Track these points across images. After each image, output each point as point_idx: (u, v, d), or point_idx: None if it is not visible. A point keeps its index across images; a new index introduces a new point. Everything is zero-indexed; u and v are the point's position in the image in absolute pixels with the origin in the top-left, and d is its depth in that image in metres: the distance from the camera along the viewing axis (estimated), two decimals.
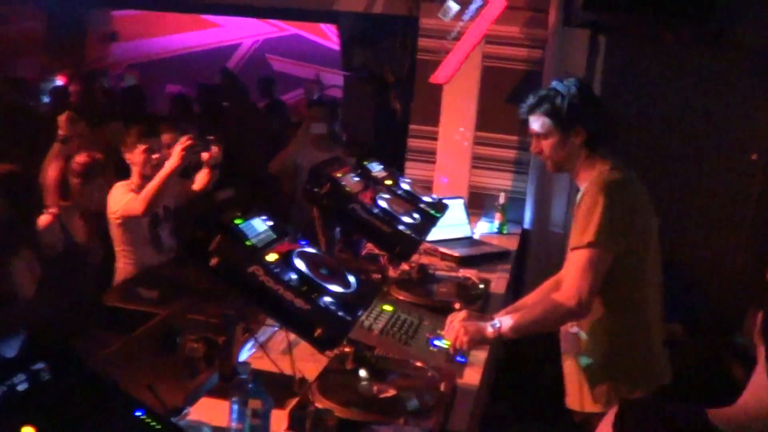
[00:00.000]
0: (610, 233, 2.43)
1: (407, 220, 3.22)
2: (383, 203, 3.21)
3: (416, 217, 3.33)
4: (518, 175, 5.03)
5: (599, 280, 2.44)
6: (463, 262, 3.89)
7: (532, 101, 2.66)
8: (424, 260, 3.73)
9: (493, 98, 4.88)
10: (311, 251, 2.30)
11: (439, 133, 4.96)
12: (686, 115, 4.98)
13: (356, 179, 3.24)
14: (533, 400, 4.24)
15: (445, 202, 3.91)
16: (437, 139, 4.98)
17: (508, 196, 4.88)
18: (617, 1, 4.33)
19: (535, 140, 2.68)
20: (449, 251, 3.99)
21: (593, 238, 2.43)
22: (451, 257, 3.94)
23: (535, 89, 2.75)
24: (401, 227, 3.11)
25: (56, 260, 3.68)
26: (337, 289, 2.15)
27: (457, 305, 2.96)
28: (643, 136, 5.03)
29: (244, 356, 2.47)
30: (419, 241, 3.24)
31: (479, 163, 5.02)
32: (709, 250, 5.03)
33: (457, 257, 3.93)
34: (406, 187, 3.67)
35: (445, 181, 4.96)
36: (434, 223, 3.55)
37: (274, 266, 2.07)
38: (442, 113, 4.88)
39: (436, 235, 3.79)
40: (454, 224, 4.25)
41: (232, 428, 1.98)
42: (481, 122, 4.92)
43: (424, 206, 3.56)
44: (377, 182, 3.46)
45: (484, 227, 4.85)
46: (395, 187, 3.57)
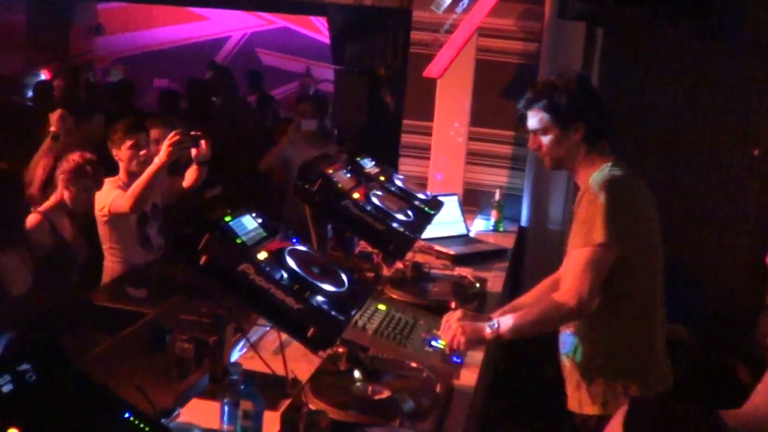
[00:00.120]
0: (611, 232, 2.40)
1: (401, 217, 3.19)
2: (376, 200, 3.19)
3: (410, 214, 3.30)
4: (515, 171, 5.00)
5: (600, 279, 2.41)
6: (458, 260, 3.87)
7: (529, 96, 2.62)
8: (418, 258, 3.71)
9: (488, 93, 4.85)
10: (303, 249, 2.27)
11: (433, 128, 4.91)
12: (686, 109, 4.96)
13: (348, 176, 3.21)
14: (531, 399, 4.22)
15: (439, 199, 3.89)
16: (431, 134, 4.94)
17: (504, 192, 4.86)
18: None
19: (532, 136, 2.65)
20: (444, 249, 3.96)
21: (594, 237, 2.40)
22: (446, 255, 3.92)
23: (531, 83, 2.71)
24: (395, 225, 3.08)
25: (46, 259, 3.64)
26: (329, 288, 2.13)
27: (452, 304, 2.93)
28: (641, 131, 5.00)
29: (235, 357, 2.45)
30: (413, 238, 3.22)
31: (474, 159, 5.00)
32: (710, 248, 5.01)
33: (452, 255, 3.91)
34: (399, 183, 3.66)
35: (439, 177, 4.92)
36: (429, 220, 3.52)
37: (264, 265, 2.05)
38: (436, 108, 4.83)
39: (430, 232, 3.76)
40: (449, 222, 4.23)
41: (223, 430, 1.96)
42: (475, 117, 4.88)
43: (418, 203, 3.54)
44: (370, 179, 3.43)
45: (480, 225, 4.83)
46: (388, 183, 3.55)
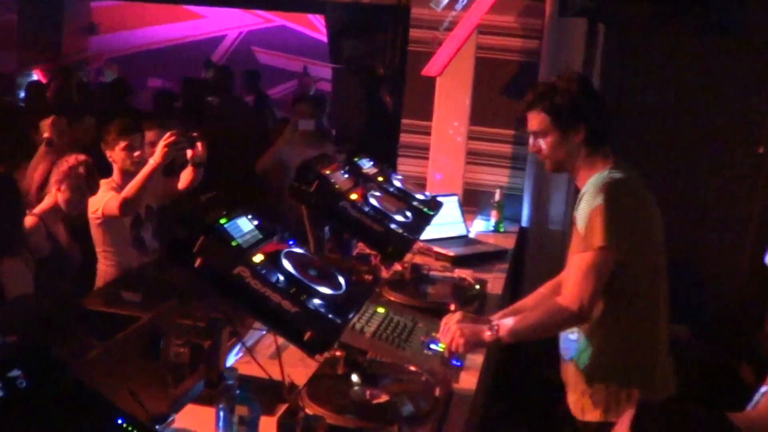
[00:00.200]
0: (612, 236, 2.37)
1: (399, 218, 3.17)
2: (374, 201, 3.16)
3: (409, 215, 3.28)
4: (515, 170, 4.99)
5: (601, 283, 2.39)
6: (458, 261, 3.86)
7: (529, 97, 2.60)
8: (417, 260, 3.70)
9: (488, 91, 4.84)
10: (300, 251, 2.25)
11: (432, 127, 4.90)
12: (689, 107, 4.94)
13: (346, 176, 3.19)
14: (531, 401, 4.20)
15: (438, 199, 3.86)
16: (430, 134, 4.93)
17: (504, 192, 4.85)
18: None
19: (533, 139, 2.63)
20: (444, 250, 3.96)
21: (594, 241, 2.38)
22: (445, 257, 3.92)
23: (531, 81, 2.70)
24: (393, 226, 3.06)
25: (42, 263, 3.65)
26: (326, 290, 2.11)
27: (452, 307, 2.93)
28: (644, 129, 4.99)
29: (230, 361, 2.44)
30: (412, 240, 3.19)
31: (474, 158, 4.99)
32: (714, 248, 4.99)
33: (451, 257, 3.91)
34: (398, 184, 3.63)
35: (438, 177, 4.91)
36: (428, 221, 3.50)
37: (260, 267, 2.02)
38: (435, 107, 4.82)
39: (429, 233, 3.75)
40: (448, 222, 4.23)
41: None
42: (475, 116, 4.86)
43: (417, 204, 3.52)
44: (368, 179, 3.41)
45: (479, 225, 4.84)
46: (387, 184, 3.53)
